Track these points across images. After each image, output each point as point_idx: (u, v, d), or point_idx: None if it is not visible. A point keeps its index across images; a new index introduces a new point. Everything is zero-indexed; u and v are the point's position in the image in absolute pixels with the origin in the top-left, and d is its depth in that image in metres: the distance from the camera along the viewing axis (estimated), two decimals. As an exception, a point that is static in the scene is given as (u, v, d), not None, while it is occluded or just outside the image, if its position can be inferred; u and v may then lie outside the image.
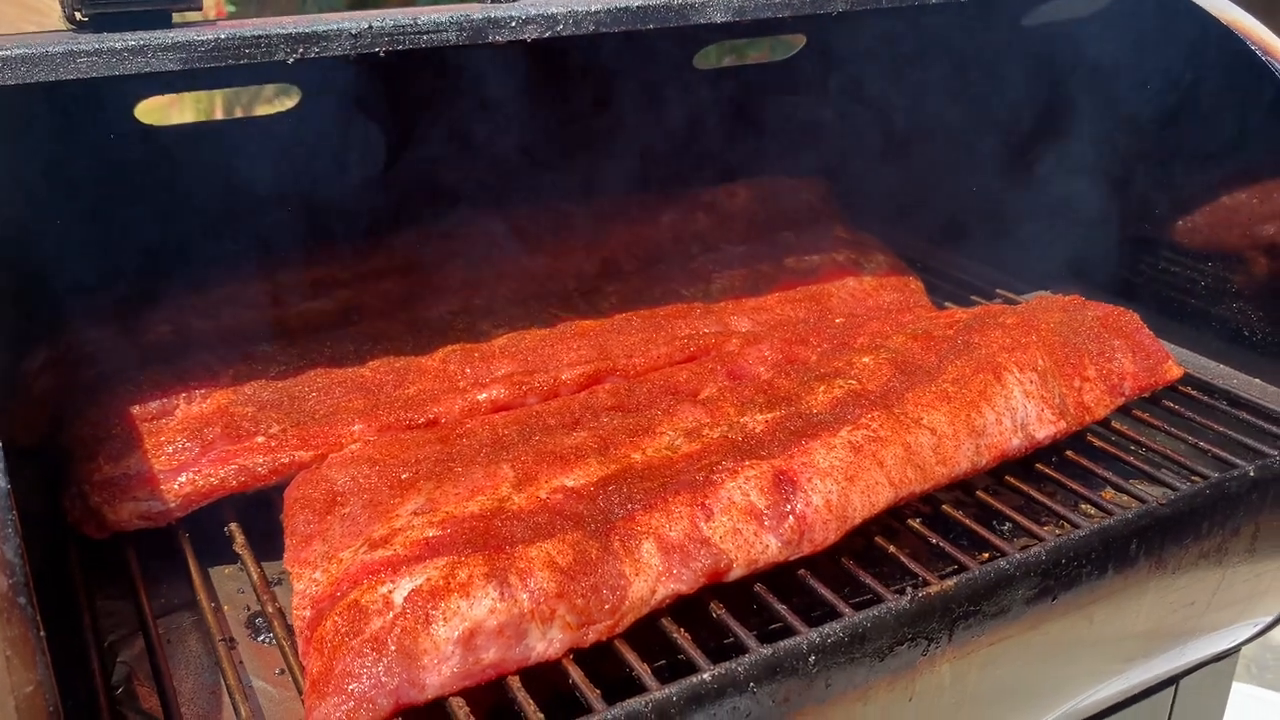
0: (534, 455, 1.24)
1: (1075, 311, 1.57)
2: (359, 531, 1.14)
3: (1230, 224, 1.74)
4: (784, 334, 1.59)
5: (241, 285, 1.60)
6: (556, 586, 1.06)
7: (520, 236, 1.81)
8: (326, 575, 1.10)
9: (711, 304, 1.70)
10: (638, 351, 1.55)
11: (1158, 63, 1.78)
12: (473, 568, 1.05)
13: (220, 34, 1.13)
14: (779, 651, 1.03)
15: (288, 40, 1.17)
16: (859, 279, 1.79)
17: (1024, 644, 1.23)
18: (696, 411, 1.34)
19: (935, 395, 1.36)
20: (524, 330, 1.57)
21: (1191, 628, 1.46)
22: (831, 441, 1.26)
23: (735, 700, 1.01)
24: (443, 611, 1.01)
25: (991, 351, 1.44)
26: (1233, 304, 1.74)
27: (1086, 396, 1.47)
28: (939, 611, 1.12)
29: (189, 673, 1.18)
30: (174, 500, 1.28)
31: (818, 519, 1.19)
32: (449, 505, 1.16)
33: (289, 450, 1.33)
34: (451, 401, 1.42)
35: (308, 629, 1.05)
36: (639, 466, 1.23)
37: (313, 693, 0.98)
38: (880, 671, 1.10)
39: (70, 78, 1.07)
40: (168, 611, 1.26)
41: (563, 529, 1.11)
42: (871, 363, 1.42)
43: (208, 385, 1.40)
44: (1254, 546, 1.39)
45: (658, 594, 1.11)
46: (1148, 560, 1.28)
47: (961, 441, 1.33)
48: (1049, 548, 1.19)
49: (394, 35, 1.21)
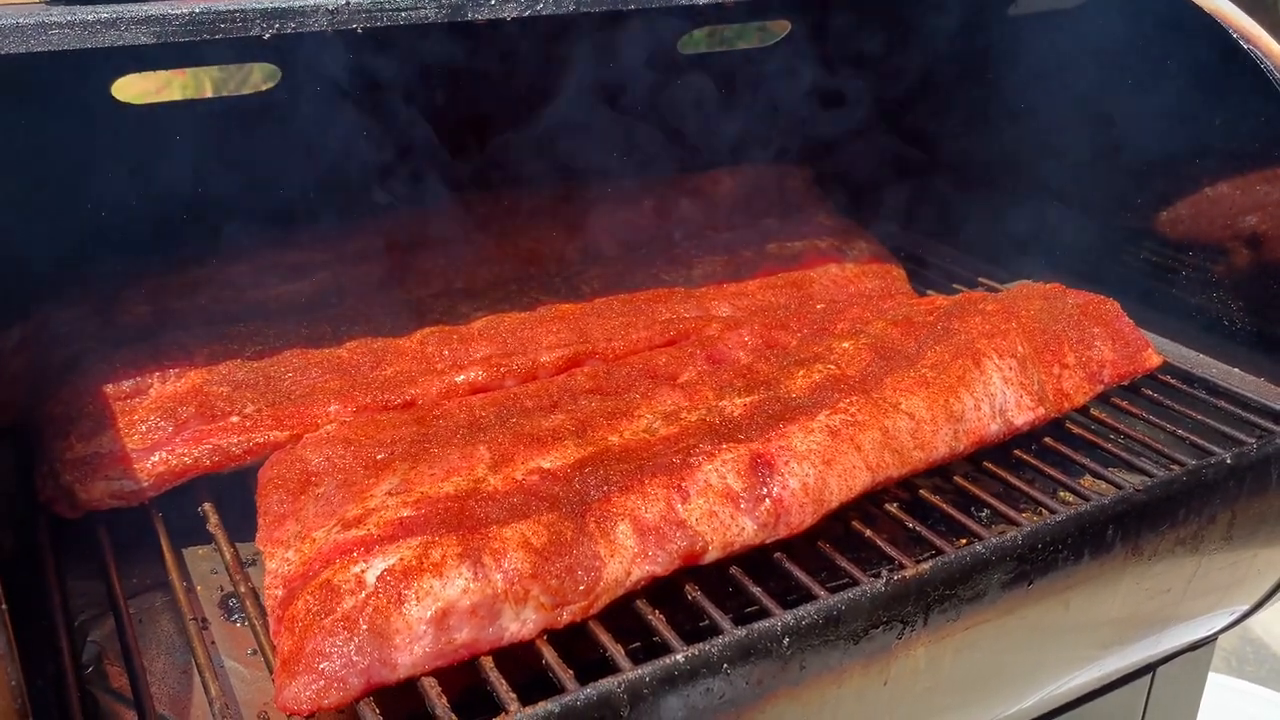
0: (511, 437, 1.24)
1: (1056, 299, 1.57)
2: (333, 511, 1.14)
3: (1212, 215, 1.74)
4: (764, 319, 1.58)
5: (219, 266, 1.58)
6: (531, 567, 1.05)
7: (500, 220, 1.80)
8: (299, 555, 1.09)
9: (692, 289, 1.70)
10: (617, 335, 1.54)
11: (1140, 53, 1.78)
12: (446, 548, 1.04)
13: (195, 8, 1.12)
14: (753, 633, 1.02)
15: (264, 15, 1.16)
16: (841, 265, 1.79)
17: (1000, 629, 1.23)
18: (675, 395, 1.33)
19: (914, 381, 1.35)
20: (503, 313, 1.56)
21: (1168, 615, 1.46)
22: (809, 425, 1.25)
23: (709, 681, 1.00)
24: (415, 591, 1.01)
25: (971, 338, 1.44)
26: (1213, 294, 1.75)
27: (1066, 384, 1.47)
28: (914, 595, 1.12)
29: (160, 652, 1.17)
30: (147, 479, 1.26)
31: (794, 502, 1.18)
32: (424, 486, 1.15)
33: (264, 430, 1.32)
34: (429, 383, 1.41)
35: (279, 608, 1.04)
36: (616, 449, 1.22)
37: (283, 671, 0.98)
38: (855, 655, 1.10)
39: (41, 49, 1.06)
40: (140, 591, 1.25)
41: (538, 510, 1.11)
42: (851, 348, 1.42)
43: (182, 365, 1.39)
44: (1230, 534, 1.39)
45: (633, 575, 1.10)
46: (1124, 547, 1.28)
47: (940, 427, 1.32)
48: (1025, 533, 1.19)
49: (372, 12, 1.20)
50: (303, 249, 1.67)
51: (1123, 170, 1.86)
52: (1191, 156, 1.75)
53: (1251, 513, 1.40)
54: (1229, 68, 1.59)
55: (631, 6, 1.29)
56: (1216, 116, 1.68)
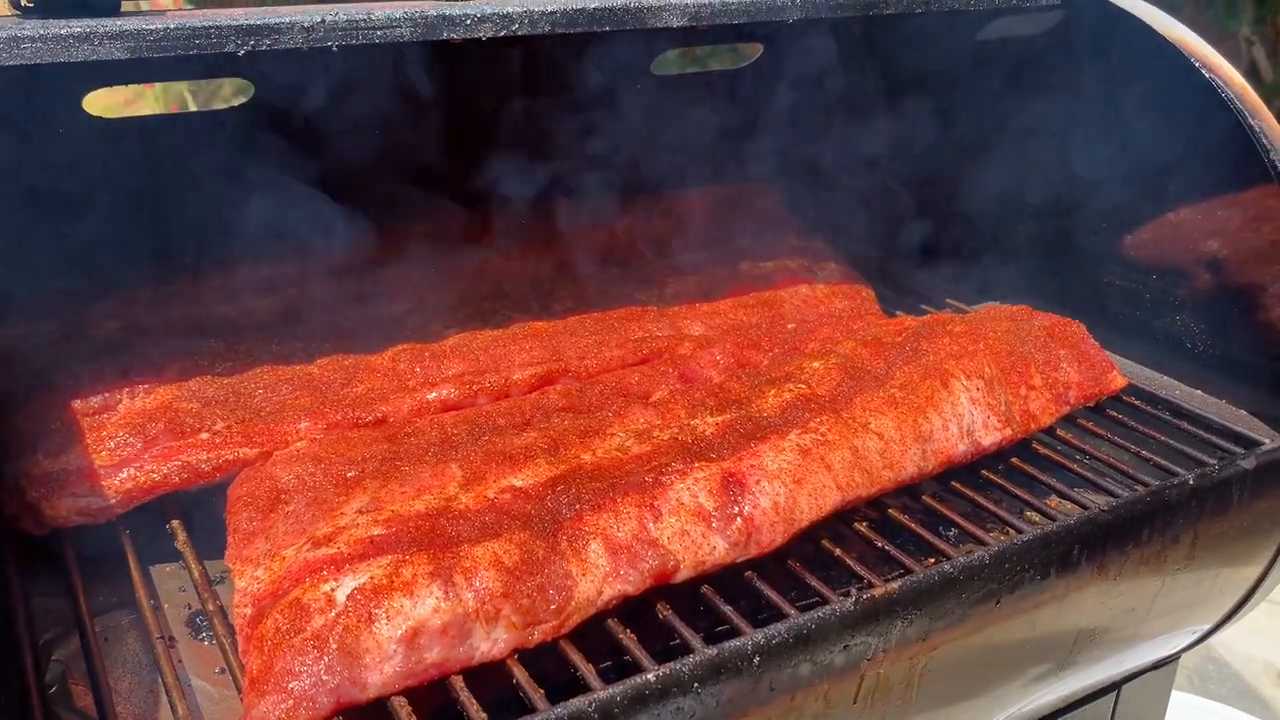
0: (483, 455, 1.24)
1: (1022, 321, 1.60)
2: (303, 529, 1.13)
3: (1174, 239, 1.77)
4: (736, 338, 1.59)
5: (189, 281, 1.57)
6: (502, 586, 1.05)
7: (473, 237, 1.80)
8: (269, 573, 1.08)
9: (665, 308, 1.71)
10: (590, 353, 1.55)
11: (1104, 80, 1.81)
12: (417, 566, 1.04)
13: (170, 24, 1.12)
14: (723, 652, 1.03)
15: (239, 32, 1.16)
16: (811, 286, 1.81)
17: (968, 648, 1.24)
18: (647, 413, 1.34)
19: (883, 401, 1.37)
20: (476, 330, 1.56)
21: (1132, 634, 1.48)
22: (780, 444, 1.26)
23: (679, 701, 1.00)
24: (386, 610, 1.00)
25: (940, 359, 1.46)
26: (1175, 317, 1.78)
27: (1032, 404, 1.49)
28: (883, 614, 1.13)
29: (126, 671, 1.16)
30: (115, 496, 1.25)
31: (765, 521, 1.19)
32: (395, 504, 1.15)
33: (233, 447, 1.31)
34: (400, 400, 1.41)
35: (248, 627, 1.04)
36: (588, 467, 1.23)
37: (252, 691, 0.97)
38: (824, 674, 1.11)
39: (13, 63, 1.05)
40: (106, 609, 1.24)
41: (510, 529, 1.11)
42: (821, 368, 1.43)
43: (152, 381, 1.38)
44: (1193, 554, 1.41)
45: (604, 595, 1.10)
46: (1090, 566, 1.30)
47: (908, 446, 1.34)
48: (993, 552, 1.20)
49: (347, 30, 1.21)
50: (274, 265, 1.66)
51: (1086, 194, 1.89)
52: (1154, 181, 1.78)
53: (1214, 533, 1.42)
54: (1190, 94, 1.62)
55: (606, 29, 1.30)
56: (1178, 142, 1.71)
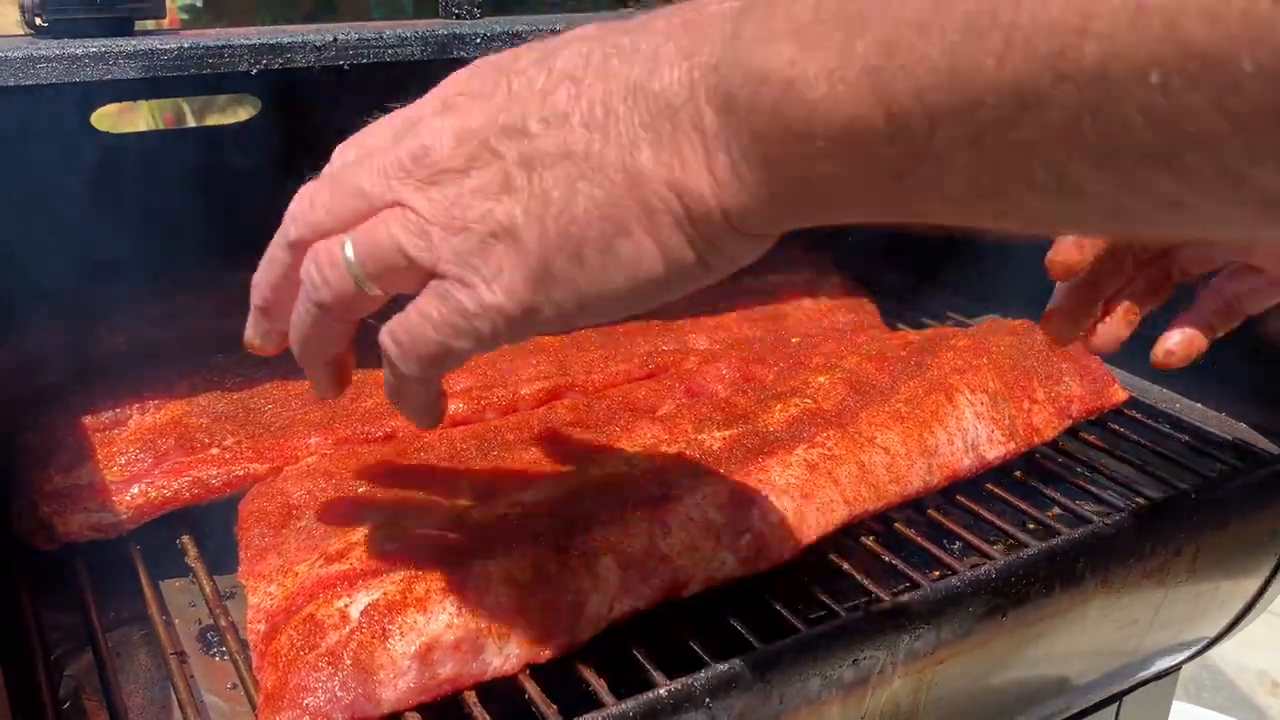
0: (492, 470, 1.25)
1: (1025, 335, 1.61)
2: (315, 545, 1.14)
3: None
4: (742, 353, 1.60)
5: (198, 296, 1.58)
6: (514, 602, 1.06)
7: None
8: (281, 589, 1.09)
9: (671, 322, 1.72)
10: (597, 368, 1.56)
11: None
12: (430, 582, 1.05)
13: (184, 43, 1.13)
14: (734, 667, 1.04)
15: (251, 51, 1.17)
16: (815, 300, 1.82)
17: (973, 661, 1.25)
18: (655, 428, 1.35)
19: (889, 415, 1.38)
20: (483, 345, 1.57)
21: (1135, 646, 1.49)
22: (788, 460, 1.27)
23: (691, 715, 1.01)
24: (399, 626, 1.01)
25: (944, 373, 1.47)
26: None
27: (1035, 418, 1.50)
28: (891, 628, 1.14)
29: (139, 687, 1.16)
30: (126, 512, 1.26)
31: (774, 536, 1.20)
32: (406, 519, 1.16)
33: (244, 463, 1.32)
34: (409, 415, 1.42)
35: (262, 643, 1.04)
36: (597, 482, 1.24)
37: (267, 707, 0.98)
38: (833, 687, 1.12)
39: (30, 83, 1.06)
40: (117, 625, 1.24)
41: (521, 544, 1.12)
42: (827, 382, 1.44)
43: (162, 396, 1.39)
44: (1194, 567, 1.43)
45: (615, 610, 1.11)
46: (1094, 578, 1.31)
47: (914, 461, 1.35)
48: (999, 566, 1.22)
49: (358, 49, 1.22)
50: (281, 279, 1.67)
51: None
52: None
53: (1215, 545, 1.44)
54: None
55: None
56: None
